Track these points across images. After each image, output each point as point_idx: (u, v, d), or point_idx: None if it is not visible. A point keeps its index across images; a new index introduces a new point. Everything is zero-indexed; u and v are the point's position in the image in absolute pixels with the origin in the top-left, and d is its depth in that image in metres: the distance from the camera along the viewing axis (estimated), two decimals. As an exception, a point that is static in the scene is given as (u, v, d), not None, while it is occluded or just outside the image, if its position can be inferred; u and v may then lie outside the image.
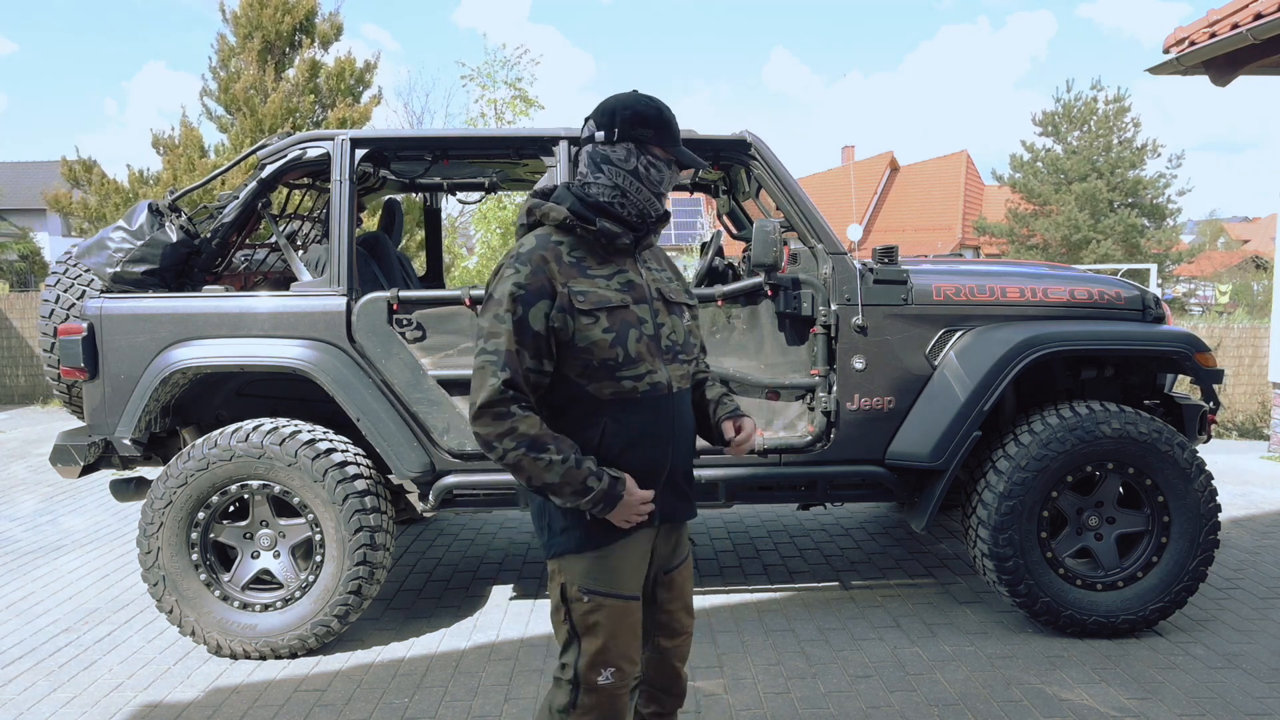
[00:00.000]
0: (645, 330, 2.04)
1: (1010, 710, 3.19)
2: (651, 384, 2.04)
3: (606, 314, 1.99)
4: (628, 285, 2.06)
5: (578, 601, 2.04)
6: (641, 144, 2.03)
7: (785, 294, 3.77)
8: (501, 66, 13.75)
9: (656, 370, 2.05)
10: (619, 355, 2.00)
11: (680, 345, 2.12)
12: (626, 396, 2.02)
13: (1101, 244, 25.44)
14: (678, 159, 2.08)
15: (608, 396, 2.01)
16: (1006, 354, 3.67)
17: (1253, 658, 3.59)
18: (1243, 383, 9.34)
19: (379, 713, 3.24)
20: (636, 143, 2.02)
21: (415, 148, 3.97)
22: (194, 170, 10.29)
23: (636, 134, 2.03)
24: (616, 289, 2.03)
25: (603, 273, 2.04)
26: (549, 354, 1.99)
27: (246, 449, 3.58)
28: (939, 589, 4.39)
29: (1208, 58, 6.45)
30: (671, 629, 2.20)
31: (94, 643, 3.87)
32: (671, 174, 2.07)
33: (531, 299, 1.95)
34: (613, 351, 1.99)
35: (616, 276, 2.05)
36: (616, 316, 2.00)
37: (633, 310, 2.03)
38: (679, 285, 2.21)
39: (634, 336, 2.02)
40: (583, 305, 1.98)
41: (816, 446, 3.83)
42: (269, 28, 10.98)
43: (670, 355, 2.09)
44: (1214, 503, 3.71)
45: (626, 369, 2.01)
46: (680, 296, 2.18)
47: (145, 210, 3.87)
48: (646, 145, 2.03)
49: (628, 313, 2.02)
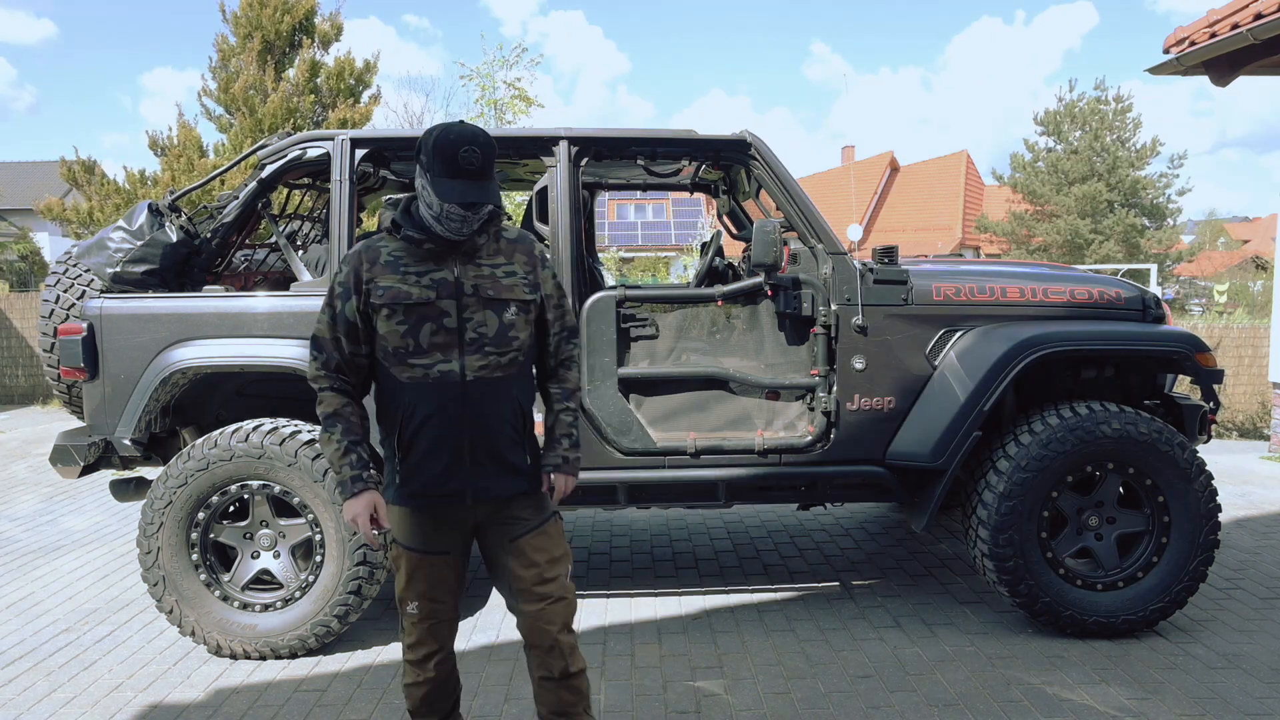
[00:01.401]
0: (446, 323, 2.28)
1: (1010, 710, 3.19)
2: (441, 372, 2.28)
3: (403, 309, 2.26)
4: (438, 283, 2.29)
5: (390, 548, 2.45)
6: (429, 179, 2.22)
7: (785, 294, 3.77)
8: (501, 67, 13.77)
9: (450, 360, 2.28)
10: (409, 345, 2.27)
11: (489, 338, 2.31)
12: (420, 381, 2.28)
13: (1102, 244, 25.44)
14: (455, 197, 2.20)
15: (405, 380, 2.29)
16: (1006, 354, 3.67)
17: (1253, 658, 3.59)
18: (1243, 383, 9.34)
19: (379, 713, 3.24)
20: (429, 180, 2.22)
21: (415, 148, 3.96)
22: (193, 170, 10.29)
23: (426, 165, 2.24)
24: (424, 285, 2.28)
25: (416, 270, 2.29)
26: (363, 339, 2.33)
27: (246, 449, 3.58)
28: (939, 589, 4.39)
29: (1208, 58, 6.45)
30: (530, 594, 2.39)
31: (94, 643, 3.87)
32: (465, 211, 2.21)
33: (345, 294, 2.31)
34: (404, 341, 2.27)
35: (430, 274, 2.29)
36: (414, 311, 2.27)
37: (435, 305, 2.27)
38: (519, 280, 2.37)
39: (429, 330, 2.27)
40: (379, 300, 2.27)
41: (816, 446, 3.83)
42: (269, 28, 10.98)
43: (474, 347, 2.30)
44: (1214, 503, 3.71)
45: (417, 357, 2.28)
46: (507, 293, 2.34)
47: (145, 210, 3.87)
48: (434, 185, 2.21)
49: (428, 308, 2.27)
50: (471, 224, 2.26)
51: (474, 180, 2.19)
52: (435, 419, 2.29)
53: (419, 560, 2.40)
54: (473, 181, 2.19)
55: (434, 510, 2.38)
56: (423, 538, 2.40)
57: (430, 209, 2.25)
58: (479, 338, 2.31)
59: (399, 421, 2.31)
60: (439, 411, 2.29)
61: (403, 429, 2.31)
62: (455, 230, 2.25)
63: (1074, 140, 27.14)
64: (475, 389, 2.31)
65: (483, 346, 2.31)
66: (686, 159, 4.16)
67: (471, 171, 2.19)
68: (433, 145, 2.20)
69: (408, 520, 2.39)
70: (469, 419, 2.31)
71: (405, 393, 2.30)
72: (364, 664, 3.64)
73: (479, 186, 2.20)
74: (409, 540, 2.40)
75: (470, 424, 2.31)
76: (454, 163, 2.18)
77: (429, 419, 2.29)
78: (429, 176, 2.21)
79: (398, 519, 2.40)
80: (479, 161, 2.19)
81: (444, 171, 2.19)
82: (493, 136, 2.24)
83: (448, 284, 2.29)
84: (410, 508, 2.38)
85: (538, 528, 2.43)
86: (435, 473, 2.32)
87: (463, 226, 2.25)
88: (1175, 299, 23.93)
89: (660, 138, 3.91)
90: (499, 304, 2.33)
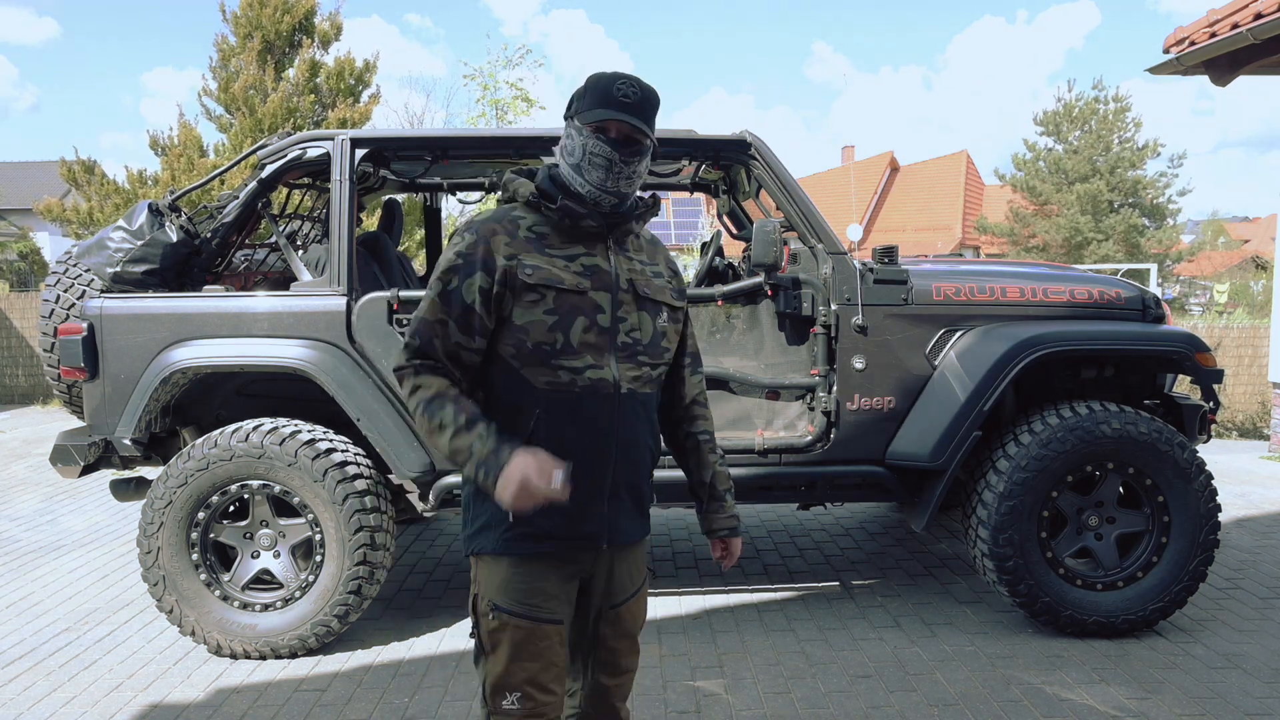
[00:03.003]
0: (599, 320, 1.85)
1: (1010, 710, 3.19)
2: (593, 380, 1.84)
3: (554, 294, 1.82)
4: (590, 270, 1.87)
5: (485, 617, 1.87)
6: (577, 117, 1.87)
7: (785, 294, 3.77)
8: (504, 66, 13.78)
9: (603, 366, 1.84)
10: (557, 341, 1.82)
11: (643, 345, 1.91)
12: (563, 389, 1.83)
13: (1102, 244, 25.44)
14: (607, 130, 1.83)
15: (542, 385, 1.83)
16: (1006, 354, 3.67)
17: (1253, 658, 3.59)
18: (1243, 383, 9.34)
19: (379, 713, 3.24)
20: (578, 117, 1.86)
21: (415, 148, 3.97)
22: (193, 170, 10.28)
23: (575, 108, 1.88)
24: (575, 271, 1.85)
25: (563, 253, 1.86)
26: (481, 330, 1.84)
27: (246, 449, 3.58)
28: (939, 589, 4.39)
29: (1208, 58, 6.45)
30: (615, 666, 2.01)
31: (94, 643, 3.87)
32: (615, 151, 1.82)
33: (468, 269, 1.82)
34: (551, 336, 1.82)
35: (581, 259, 1.87)
36: (565, 300, 1.83)
37: (589, 296, 1.85)
38: (666, 284, 1.99)
39: (581, 325, 1.83)
40: (529, 279, 1.81)
41: (816, 446, 3.83)
42: (269, 27, 10.97)
43: (627, 353, 1.88)
44: (1214, 503, 3.71)
45: (565, 358, 1.82)
46: (660, 295, 1.96)
47: (145, 210, 3.87)
48: (582, 117, 1.85)
49: (581, 299, 1.84)
50: (621, 178, 1.85)
51: (630, 114, 1.82)
52: (580, 437, 1.84)
53: (530, 631, 1.84)
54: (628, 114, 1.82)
55: (554, 561, 1.88)
56: (538, 599, 1.85)
57: (571, 156, 1.86)
58: (632, 343, 1.90)
59: (522, 441, 1.80)
60: (587, 428, 1.84)
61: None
62: (599, 182, 1.84)
63: (1073, 140, 27.14)
64: (627, 404, 1.88)
65: (636, 354, 1.90)
66: (686, 159, 4.16)
67: (627, 104, 1.82)
68: (585, 85, 1.86)
69: (516, 575, 1.85)
70: (618, 441, 1.87)
71: (539, 403, 1.83)
72: (364, 664, 3.64)
73: (633, 119, 1.82)
74: (517, 603, 1.85)
75: (619, 447, 1.88)
76: (608, 93, 1.82)
77: (571, 437, 1.83)
78: (577, 114, 1.86)
79: (501, 574, 1.86)
80: (637, 96, 1.82)
81: (596, 103, 1.82)
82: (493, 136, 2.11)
83: (602, 273, 1.88)
84: (521, 556, 1.85)
85: (637, 592, 2.02)
86: (571, 508, 1.81)
87: (607, 178, 1.83)
88: (1175, 299, 23.93)
89: (660, 137, 3.88)
90: (654, 306, 1.94)
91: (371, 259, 4.43)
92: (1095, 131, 26.68)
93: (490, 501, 1.79)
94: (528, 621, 1.84)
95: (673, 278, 2.04)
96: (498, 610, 1.85)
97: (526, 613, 1.84)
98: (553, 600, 1.86)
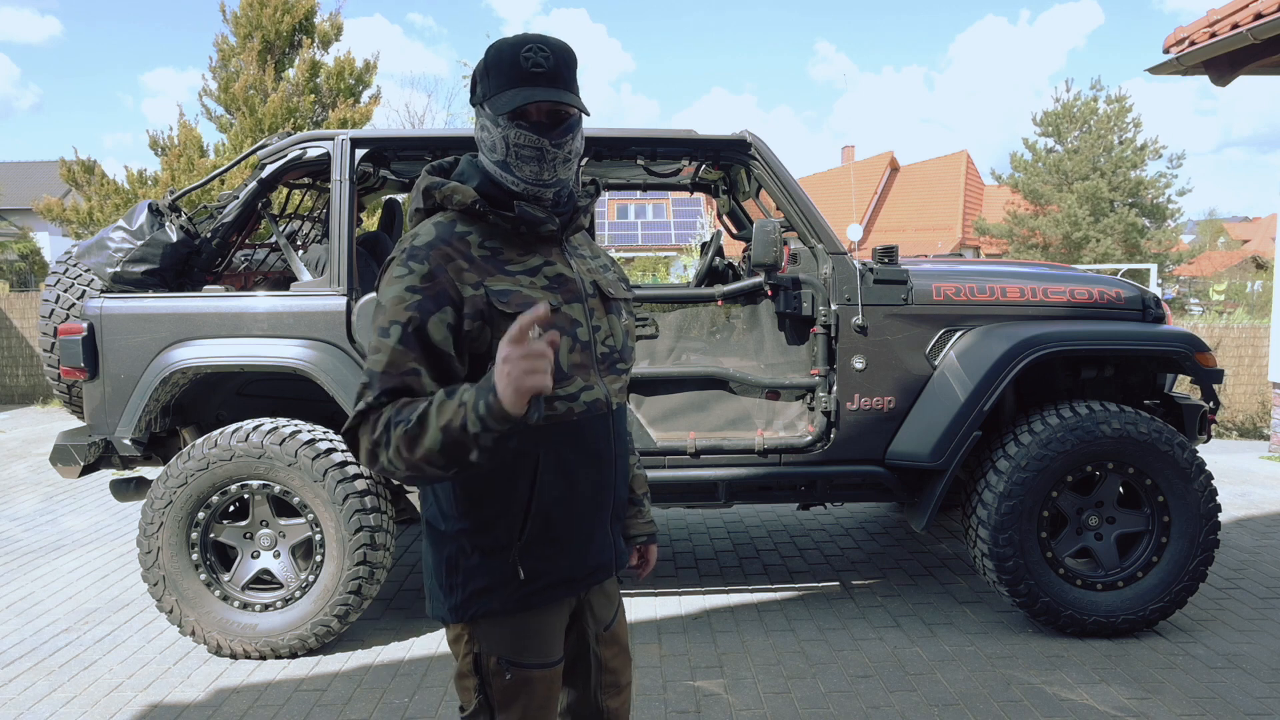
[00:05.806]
0: (579, 335, 1.62)
1: (1010, 710, 3.19)
2: (588, 403, 1.61)
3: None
4: (558, 281, 1.62)
5: (498, 676, 1.65)
6: (487, 105, 1.58)
7: (785, 294, 3.77)
8: None
9: (593, 385, 1.62)
10: None
11: (618, 351, 1.71)
12: (562, 420, 1.58)
13: (1101, 243, 25.45)
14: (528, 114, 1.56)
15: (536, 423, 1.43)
16: (1006, 354, 3.67)
17: (1253, 658, 3.59)
18: (1243, 383, 9.34)
19: (379, 713, 3.24)
20: (488, 104, 1.58)
21: (415, 148, 3.98)
22: (193, 170, 10.29)
23: (482, 92, 1.60)
24: (544, 288, 1.59)
25: (523, 267, 1.59)
26: (455, 373, 1.51)
27: (246, 449, 3.58)
28: (939, 589, 4.39)
29: (1208, 58, 6.45)
30: (617, 685, 1.86)
31: (94, 643, 3.87)
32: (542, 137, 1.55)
33: (430, 305, 1.49)
34: None
35: (543, 270, 1.61)
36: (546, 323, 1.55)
37: (564, 312, 1.60)
38: (616, 277, 1.79)
39: (566, 345, 1.59)
40: (506, 308, 1.52)
41: (816, 446, 3.83)
42: (269, 28, 10.98)
43: (607, 364, 1.67)
44: (1214, 503, 3.71)
45: (559, 386, 1.56)
46: (619, 291, 1.75)
47: (145, 210, 3.87)
48: (493, 105, 1.57)
49: (559, 316, 1.59)
50: (557, 163, 1.58)
51: (547, 87, 1.55)
52: (587, 468, 1.63)
53: (547, 679, 1.68)
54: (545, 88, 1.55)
55: (565, 601, 1.71)
56: (553, 644, 1.70)
57: (494, 153, 1.59)
58: (609, 351, 1.68)
59: (526, 488, 1.58)
60: (591, 457, 1.63)
61: (535, 498, 1.59)
62: (533, 177, 1.58)
63: (1073, 140, 27.14)
64: (618, 419, 1.69)
65: (614, 363, 1.69)
66: (686, 159, 4.16)
67: (540, 75, 1.54)
68: (485, 61, 1.59)
69: (531, 626, 1.66)
70: (615, 461, 1.68)
71: (539, 443, 1.57)
72: (364, 664, 3.64)
73: (554, 93, 1.55)
74: (536, 654, 1.66)
75: (616, 467, 1.69)
76: (516, 67, 1.54)
77: (579, 470, 1.62)
78: (486, 99, 1.58)
79: (513, 629, 1.65)
80: (550, 62, 1.55)
81: (504, 83, 1.55)
82: None
83: (568, 282, 1.63)
84: (538, 608, 1.65)
85: (619, 609, 1.86)
86: (584, 545, 1.66)
87: (542, 169, 1.58)
88: (1175, 299, 23.93)
89: (660, 138, 3.91)
90: (616, 305, 1.73)
91: (371, 259, 4.44)
92: (1095, 132, 26.69)
93: (488, 561, 1.60)
94: (547, 670, 1.68)
95: (614, 266, 1.84)
96: (517, 667, 1.65)
97: (543, 661, 1.67)
98: (558, 639, 1.72)
